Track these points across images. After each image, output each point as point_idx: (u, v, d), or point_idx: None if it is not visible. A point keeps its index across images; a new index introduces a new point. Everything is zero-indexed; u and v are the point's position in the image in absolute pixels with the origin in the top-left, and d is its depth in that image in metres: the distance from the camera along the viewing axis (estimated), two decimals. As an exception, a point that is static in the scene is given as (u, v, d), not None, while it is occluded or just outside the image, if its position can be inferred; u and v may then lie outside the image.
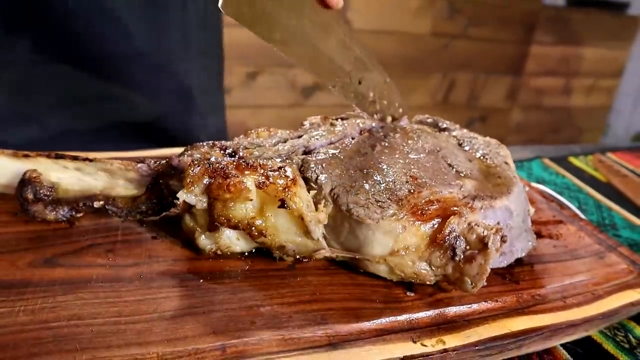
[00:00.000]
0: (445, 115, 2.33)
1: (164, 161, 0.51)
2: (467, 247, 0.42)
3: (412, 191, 0.46)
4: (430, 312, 0.45)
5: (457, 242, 0.42)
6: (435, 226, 0.43)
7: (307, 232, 0.45)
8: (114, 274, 0.46)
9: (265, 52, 1.94)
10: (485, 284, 0.44)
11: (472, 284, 0.43)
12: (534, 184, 0.75)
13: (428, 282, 0.46)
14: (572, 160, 0.96)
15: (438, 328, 0.44)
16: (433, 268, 0.44)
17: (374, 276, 0.48)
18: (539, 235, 0.60)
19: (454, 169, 0.52)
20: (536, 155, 0.96)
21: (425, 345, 0.42)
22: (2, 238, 0.49)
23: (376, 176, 0.48)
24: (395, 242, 0.43)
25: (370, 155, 0.52)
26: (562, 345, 0.52)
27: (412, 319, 0.44)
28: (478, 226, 0.42)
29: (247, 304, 0.44)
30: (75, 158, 0.50)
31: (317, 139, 0.54)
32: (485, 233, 0.41)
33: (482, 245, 0.41)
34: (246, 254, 0.50)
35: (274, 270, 0.48)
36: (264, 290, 0.46)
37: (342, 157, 0.51)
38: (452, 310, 0.46)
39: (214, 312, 0.43)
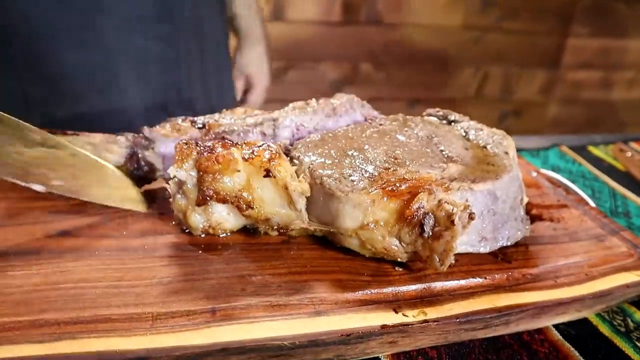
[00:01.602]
0: (478, 109, 2.30)
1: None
2: (436, 224, 0.43)
3: (388, 168, 0.48)
4: (417, 286, 0.47)
5: (426, 219, 0.43)
6: (405, 202, 0.44)
7: (291, 203, 0.47)
8: (121, 244, 0.49)
9: (295, 47, 1.98)
10: (454, 262, 0.44)
11: (440, 262, 0.43)
12: (543, 170, 0.74)
13: (399, 259, 0.47)
14: (592, 149, 0.94)
15: (421, 301, 0.45)
16: (403, 244, 0.45)
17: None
18: (539, 218, 0.60)
19: (444, 154, 0.53)
20: (553, 144, 0.95)
21: (406, 316, 0.43)
22: (25, 212, 0.53)
23: (357, 155, 0.50)
24: (364, 215, 0.45)
25: (358, 138, 0.54)
26: (555, 326, 0.52)
27: (398, 292, 0.46)
28: (447, 203, 0.43)
29: (239, 273, 0.46)
30: (65, 133, 0.54)
31: (286, 112, 0.57)
32: (453, 210, 0.42)
33: (450, 222, 0.42)
34: (235, 231, 0.52)
35: (269, 244, 0.51)
36: (257, 261, 0.48)
37: (330, 139, 0.53)
38: (439, 285, 0.47)
39: (208, 279, 0.46)
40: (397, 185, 0.46)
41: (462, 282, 0.48)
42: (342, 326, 0.41)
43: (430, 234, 0.44)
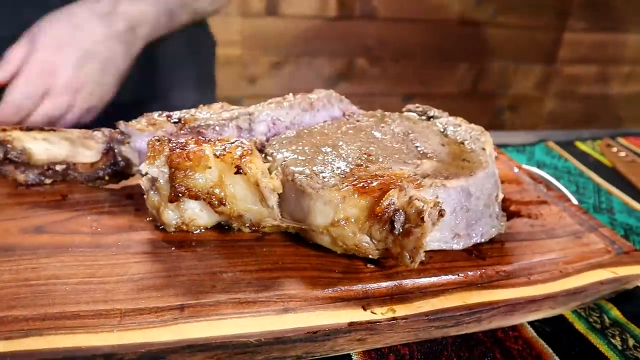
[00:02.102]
0: (473, 105, 2.30)
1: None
2: (406, 221, 0.43)
3: (360, 165, 0.48)
4: (387, 283, 0.47)
5: (396, 216, 0.43)
6: (376, 199, 0.44)
7: (263, 200, 0.47)
8: (95, 241, 0.50)
9: (289, 42, 1.97)
10: (424, 259, 0.44)
11: (410, 259, 0.43)
12: (525, 166, 0.74)
13: (371, 256, 0.47)
14: (579, 144, 0.94)
15: (391, 298, 0.45)
16: (374, 241, 0.45)
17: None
18: (517, 214, 0.60)
19: (419, 151, 0.53)
20: (540, 139, 0.95)
21: (374, 313, 0.43)
22: (1, 208, 0.53)
23: (331, 152, 0.50)
24: (335, 212, 0.45)
25: (333, 134, 0.54)
26: (530, 323, 0.52)
27: (368, 289, 0.46)
28: (418, 200, 0.43)
29: (211, 270, 0.46)
30: (42, 129, 0.54)
31: (262, 106, 0.57)
32: (423, 207, 0.42)
33: (420, 219, 0.42)
34: (209, 228, 0.52)
35: (242, 240, 0.51)
36: (229, 258, 0.48)
37: (305, 136, 0.53)
38: (410, 283, 0.47)
39: (180, 276, 0.46)
40: (368, 181, 0.46)
41: (434, 279, 0.48)
42: (310, 323, 0.41)
43: (401, 230, 0.44)
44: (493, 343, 0.50)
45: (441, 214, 0.42)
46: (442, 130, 0.60)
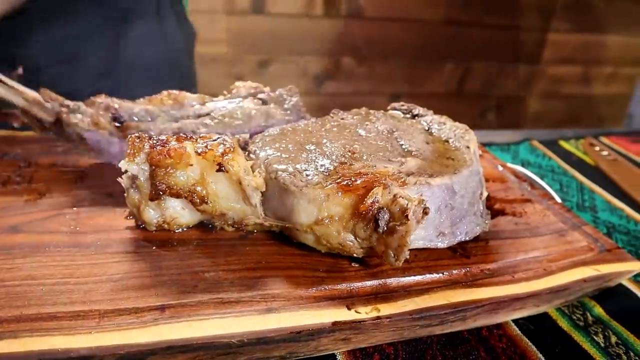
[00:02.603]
0: (459, 104, 2.30)
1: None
2: (390, 219, 0.43)
3: (344, 163, 0.47)
4: (372, 282, 0.46)
5: (381, 214, 0.42)
6: (360, 197, 0.44)
7: (245, 198, 0.46)
8: (73, 240, 0.48)
9: (275, 41, 1.96)
10: (408, 257, 0.44)
11: (394, 257, 0.43)
12: (509, 165, 0.74)
13: (355, 254, 0.47)
14: (562, 143, 0.95)
15: (376, 297, 0.45)
16: (358, 240, 0.45)
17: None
18: (502, 213, 0.60)
19: (404, 149, 0.53)
20: (525, 138, 0.95)
21: (359, 313, 0.43)
22: (-24, 207, 0.52)
23: (314, 149, 0.49)
24: (319, 210, 0.44)
25: (318, 132, 0.53)
26: (514, 321, 0.52)
27: (352, 288, 0.46)
28: (402, 198, 0.42)
29: (193, 270, 0.46)
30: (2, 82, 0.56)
31: (213, 101, 0.56)
32: (407, 205, 0.42)
33: (404, 217, 0.41)
34: (191, 226, 0.51)
35: (225, 239, 0.50)
36: (212, 257, 0.47)
37: (289, 134, 0.53)
38: (395, 282, 0.47)
39: (161, 276, 0.45)
40: (352, 179, 0.45)
41: (419, 278, 0.48)
42: (293, 323, 0.41)
43: (385, 229, 0.43)
44: (478, 341, 0.50)
45: (425, 212, 0.42)
46: (426, 128, 0.60)
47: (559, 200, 0.67)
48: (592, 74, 2.47)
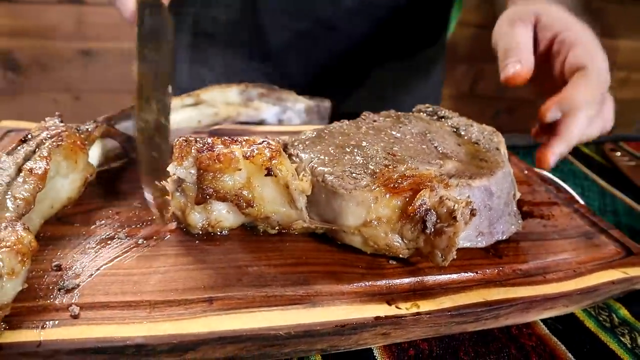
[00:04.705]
0: (472, 107, 2.31)
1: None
2: (438, 221, 0.44)
3: (388, 165, 0.49)
4: (410, 280, 0.48)
5: (428, 215, 0.44)
6: (407, 199, 0.45)
7: (291, 202, 0.48)
8: (118, 232, 0.50)
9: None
10: (455, 257, 0.45)
11: (442, 257, 0.44)
12: (534, 168, 0.76)
13: (401, 255, 0.48)
14: (582, 148, 0.96)
15: (414, 293, 0.46)
16: (405, 241, 0.46)
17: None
18: (530, 215, 0.61)
19: (439, 151, 0.54)
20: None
21: (399, 308, 0.44)
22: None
23: (356, 152, 0.51)
24: (367, 213, 0.46)
25: (355, 135, 0.55)
26: (543, 321, 0.54)
27: (391, 285, 0.47)
28: (449, 200, 0.44)
29: (236, 264, 0.47)
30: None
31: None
32: (455, 207, 0.43)
33: (452, 218, 0.43)
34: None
35: (265, 236, 0.52)
36: (253, 252, 0.49)
37: (326, 136, 0.54)
38: (432, 279, 0.48)
39: (206, 269, 0.46)
40: (399, 182, 0.46)
41: (454, 276, 0.49)
42: (337, 317, 0.42)
43: (433, 230, 0.45)
44: (508, 339, 0.51)
45: (473, 214, 0.43)
46: (454, 130, 0.61)
47: (583, 203, 0.68)
48: (604, 78, 2.47)
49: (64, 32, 1.88)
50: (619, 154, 0.91)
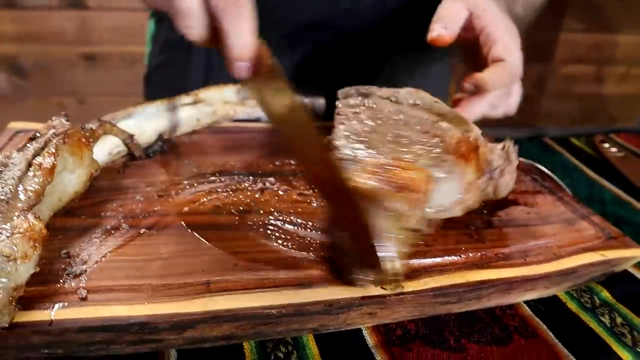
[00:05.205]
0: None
1: None
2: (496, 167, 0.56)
3: (441, 142, 0.53)
4: (396, 263, 0.51)
5: (492, 165, 0.56)
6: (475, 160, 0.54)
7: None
8: (122, 223, 0.53)
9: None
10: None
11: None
12: (522, 159, 0.78)
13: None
14: (573, 140, 0.98)
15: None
16: (481, 194, 0.57)
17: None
18: (515, 202, 0.64)
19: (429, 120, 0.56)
20: (537, 135, 0.99)
21: (384, 289, 0.47)
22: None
23: (401, 139, 0.53)
24: (462, 184, 0.53)
25: (380, 127, 0.56)
26: (526, 302, 0.57)
27: (378, 268, 0.50)
28: (496, 149, 0.58)
29: (232, 251, 0.50)
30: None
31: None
32: (504, 148, 0.58)
33: (507, 159, 0.58)
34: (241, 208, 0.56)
35: (259, 224, 0.55)
36: (249, 240, 0.52)
37: (362, 133, 0.55)
38: (417, 262, 0.51)
39: (204, 256, 0.49)
40: (462, 149, 0.53)
41: (438, 260, 0.52)
42: (325, 297, 0.45)
43: (498, 174, 0.57)
44: (492, 320, 0.54)
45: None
46: (390, 100, 0.60)
47: (569, 192, 0.71)
48: (604, 73, 2.48)
49: (67, 36, 1.92)
50: (607, 145, 0.93)
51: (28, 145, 0.50)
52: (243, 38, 0.47)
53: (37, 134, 0.52)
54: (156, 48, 1.11)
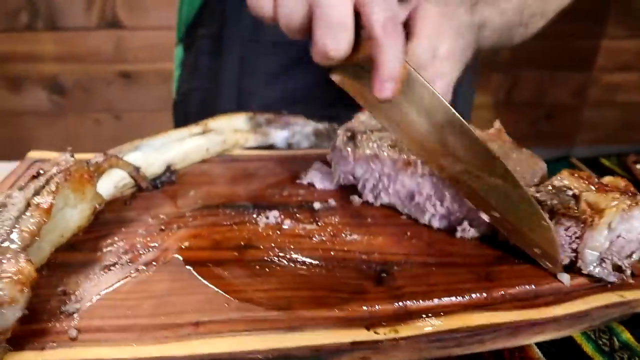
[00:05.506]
0: (509, 115, 2.28)
1: None
2: None
3: None
4: (393, 305, 0.49)
5: None
6: None
7: None
8: (121, 258, 0.54)
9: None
10: None
11: None
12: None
13: None
14: (603, 161, 0.93)
15: (395, 319, 0.47)
16: None
17: (347, 269, 0.53)
18: (528, 236, 0.61)
19: None
20: (564, 155, 0.95)
21: (377, 333, 0.45)
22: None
23: None
24: None
25: None
26: (537, 343, 0.53)
27: (373, 310, 0.48)
28: None
29: (226, 289, 0.50)
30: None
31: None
32: None
33: None
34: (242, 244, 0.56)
35: (257, 260, 0.54)
36: (244, 278, 0.51)
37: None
38: (415, 304, 0.49)
39: (197, 294, 0.49)
40: None
41: (438, 301, 0.50)
42: (314, 342, 0.44)
43: None
44: (498, 363, 0.51)
45: None
46: None
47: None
48: (649, 81, 2.36)
49: (104, 55, 1.99)
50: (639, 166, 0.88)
51: (29, 183, 0.51)
52: (398, 58, 0.48)
53: (41, 171, 0.53)
54: (185, 74, 1.13)
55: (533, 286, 0.53)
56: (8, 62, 1.97)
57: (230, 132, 0.74)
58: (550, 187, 0.56)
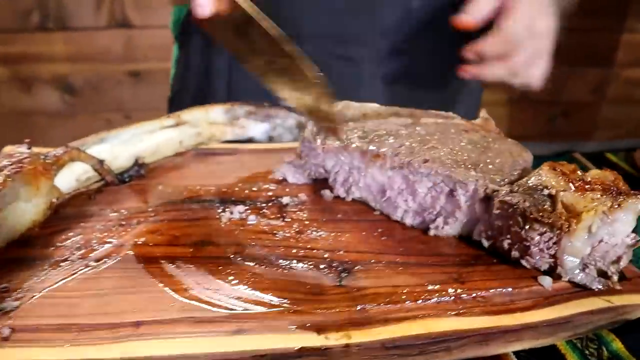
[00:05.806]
0: (525, 112, 2.21)
1: None
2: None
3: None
4: (351, 308, 0.45)
5: None
6: None
7: None
8: (73, 254, 0.51)
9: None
10: None
11: None
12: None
13: None
14: (609, 156, 0.87)
15: (351, 323, 0.44)
16: None
17: (306, 268, 0.50)
18: (512, 235, 0.56)
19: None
20: (566, 150, 0.89)
21: (328, 339, 0.42)
22: None
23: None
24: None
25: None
26: (515, 352, 0.49)
27: (329, 312, 0.45)
28: None
29: (174, 287, 0.47)
30: None
31: None
32: None
33: None
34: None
35: (215, 257, 0.51)
36: (197, 275, 0.48)
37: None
38: (375, 308, 0.45)
39: (142, 292, 0.46)
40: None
41: (401, 305, 0.46)
42: (259, 346, 0.41)
43: None
44: (470, 373, 0.47)
45: None
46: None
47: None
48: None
49: (114, 55, 1.99)
50: (647, 162, 0.82)
51: (-22, 176, 0.49)
52: None
53: (-8, 164, 0.51)
54: (178, 72, 1.12)
55: (510, 289, 0.49)
56: (19, 63, 1.99)
57: (206, 124, 0.71)
58: (526, 186, 0.51)
